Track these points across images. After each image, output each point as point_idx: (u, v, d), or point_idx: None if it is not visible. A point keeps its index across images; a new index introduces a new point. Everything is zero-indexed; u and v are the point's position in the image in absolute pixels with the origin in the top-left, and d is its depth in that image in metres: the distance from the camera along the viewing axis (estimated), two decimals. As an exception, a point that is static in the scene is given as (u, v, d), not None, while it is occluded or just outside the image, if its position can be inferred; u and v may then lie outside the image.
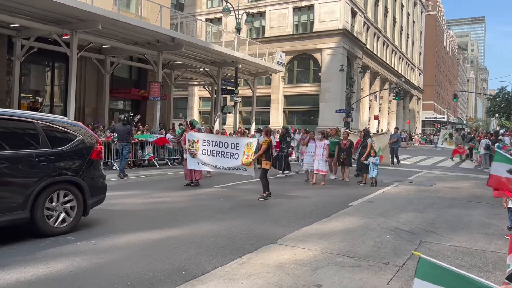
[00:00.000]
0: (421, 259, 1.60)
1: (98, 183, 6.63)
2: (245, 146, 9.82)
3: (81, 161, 6.28)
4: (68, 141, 6.20)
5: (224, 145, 10.15)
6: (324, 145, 12.20)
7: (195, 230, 6.35)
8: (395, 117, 57.74)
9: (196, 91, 44.52)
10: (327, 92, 37.30)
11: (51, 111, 20.32)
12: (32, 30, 16.55)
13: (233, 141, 10.35)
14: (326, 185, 11.96)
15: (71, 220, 6.05)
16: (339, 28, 37.04)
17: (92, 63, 21.18)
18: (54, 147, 5.96)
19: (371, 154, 11.87)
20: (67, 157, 6.10)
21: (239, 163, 9.82)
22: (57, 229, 5.83)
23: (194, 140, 10.73)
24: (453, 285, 1.47)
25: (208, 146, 10.42)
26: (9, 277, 4.23)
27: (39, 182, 5.64)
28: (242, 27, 28.38)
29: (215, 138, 10.66)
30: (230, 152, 10.03)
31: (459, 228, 6.95)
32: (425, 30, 78.60)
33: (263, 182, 9.42)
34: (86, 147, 6.43)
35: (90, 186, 6.33)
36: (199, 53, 23.21)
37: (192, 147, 10.71)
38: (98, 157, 6.63)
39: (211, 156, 10.36)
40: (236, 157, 9.89)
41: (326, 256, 5.16)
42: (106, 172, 13.77)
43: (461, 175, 15.90)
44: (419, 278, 1.60)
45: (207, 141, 10.52)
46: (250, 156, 9.66)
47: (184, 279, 4.26)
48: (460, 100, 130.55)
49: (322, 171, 12.07)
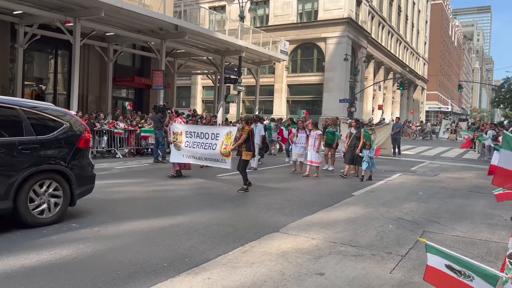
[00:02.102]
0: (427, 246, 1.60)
1: (86, 173, 6.36)
2: (225, 136, 9.45)
3: (68, 149, 6.02)
4: (54, 129, 5.92)
5: (205, 136, 9.79)
6: (316, 135, 11.70)
7: (198, 218, 6.37)
8: (399, 107, 57.47)
9: (199, 80, 44.38)
10: (331, 82, 37.10)
11: (54, 99, 20.34)
12: (35, 17, 16.49)
13: (213, 131, 9.92)
14: (326, 175, 11.90)
15: (56, 210, 5.81)
16: (343, 17, 36.70)
17: (95, 51, 21.12)
18: (39, 135, 5.70)
19: (366, 146, 11.09)
20: (52, 146, 5.84)
21: (217, 152, 9.43)
22: (41, 220, 5.62)
23: (177, 132, 10.37)
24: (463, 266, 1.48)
25: (191, 138, 10.06)
26: (14, 263, 4.26)
27: (22, 171, 5.42)
28: (246, 15, 28.18)
29: (196, 129, 10.27)
30: (209, 143, 9.67)
31: (462, 218, 6.95)
32: (430, 19, 77.76)
33: (242, 175, 8.92)
34: (74, 135, 6.16)
35: (77, 176, 6.07)
36: (202, 41, 23.09)
37: (176, 139, 10.34)
38: (86, 146, 6.37)
39: (192, 148, 10.01)
40: (214, 147, 9.52)
41: (328, 245, 5.17)
42: (109, 160, 13.96)
43: (464, 165, 15.86)
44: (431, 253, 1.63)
45: (189, 132, 10.16)
46: (228, 146, 9.26)
47: (187, 267, 4.29)
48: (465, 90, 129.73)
49: (315, 163, 11.61)
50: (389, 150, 17.78)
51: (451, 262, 1.56)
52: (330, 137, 12.87)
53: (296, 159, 12.26)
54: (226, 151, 9.24)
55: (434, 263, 1.69)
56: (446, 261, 1.59)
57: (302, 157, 12.06)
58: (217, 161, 9.61)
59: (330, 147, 12.96)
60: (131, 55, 24.56)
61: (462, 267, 1.51)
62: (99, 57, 21.50)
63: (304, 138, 12.07)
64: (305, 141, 11.99)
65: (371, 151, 11.01)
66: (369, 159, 10.84)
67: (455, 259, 1.51)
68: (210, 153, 9.60)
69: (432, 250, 1.58)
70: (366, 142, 11.17)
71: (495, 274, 1.41)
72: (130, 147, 15.84)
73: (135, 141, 16.09)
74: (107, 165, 12.62)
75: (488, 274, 1.41)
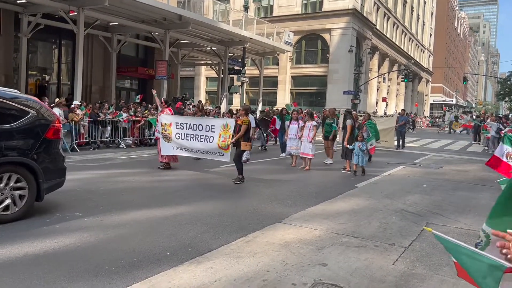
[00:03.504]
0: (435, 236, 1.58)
1: (55, 165, 5.86)
2: (221, 128, 9.01)
3: (34, 140, 5.51)
4: (18, 118, 5.40)
5: (199, 127, 9.38)
6: (310, 126, 11.04)
7: (201, 208, 6.38)
8: (403, 99, 57.23)
9: (203, 71, 44.29)
10: (335, 73, 36.94)
11: (58, 89, 20.36)
12: (38, 6, 16.42)
13: (207, 122, 9.47)
14: (329, 168, 11.82)
15: (21, 206, 5.36)
16: (348, 8, 36.44)
17: (99, 41, 21.06)
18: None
19: (358, 138, 10.33)
20: (15, 136, 5.33)
21: (215, 146, 9.07)
22: (3, 216, 5.18)
23: (166, 123, 9.86)
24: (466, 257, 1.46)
25: (182, 130, 9.63)
26: (18, 251, 4.28)
27: None
28: (250, 5, 28.00)
29: (188, 121, 9.85)
30: (204, 135, 9.25)
31: (466, 210, 6.92)
32: (436, 11, 77.06)
33: (238, 166, 8.70)
34: (41, 125, 5.61)
35: (44, 169, 5.57)
36: (206, 31, 22.98)
37: (165, 130, 9.85)
38: (56, 136, 5.84)
39: (185, 140, 9.61)
40: (211, 140, 9.14)
41: (331, 236, 5.17)
42: (113, 150, 13.98)
43: (468, 158, 15.79)
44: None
45: (179, 123, 9.72)
46: (227, 139, 8.87)
47: (190, 256, 4.29)
48: (470, 83, 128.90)
49: (308, 155, 11.01)
50: (391, 143, 17.23)
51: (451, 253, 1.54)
52: (327, 128, 12.37)
53: (290, 152, 11.85)
54: (225, 144, 8.91)
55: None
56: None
57: (298, 150, 11.47)
58: (214, 154, 9.28)
59: (327, 139, 12.47)
60: (134, 45, 24.49)
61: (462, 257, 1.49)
62: (102, 47, 21.45)
63: (295, 129, 11.56)
64: (297, 132, 11.49)
65: (363, 144, 10.24)
66: (360, 152, 10.10)
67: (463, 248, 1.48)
68: (207, 146, 9.27)
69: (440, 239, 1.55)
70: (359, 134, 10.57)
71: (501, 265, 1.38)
72: (134, 137, 15.85)
73: (139, 132, 16.09)
74: (110, 155, 12.65)
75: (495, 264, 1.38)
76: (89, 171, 9.66)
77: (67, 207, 6.09)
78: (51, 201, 6.39)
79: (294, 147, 11.62)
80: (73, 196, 6.82)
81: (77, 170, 9.63)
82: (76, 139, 13.46)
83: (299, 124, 11.62)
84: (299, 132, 11.44)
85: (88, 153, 12.86)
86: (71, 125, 13.36)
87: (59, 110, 13.64)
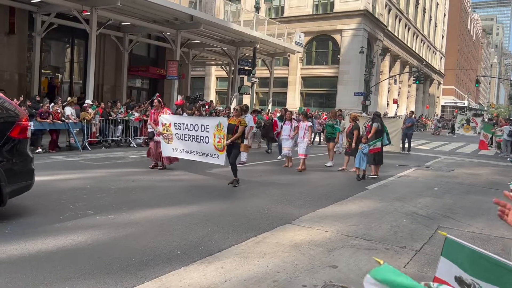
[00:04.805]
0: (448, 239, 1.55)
1: (21, 167, 5.32)
2: (215, 128, 8.69)
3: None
4: None
5: (195, 127, 9.11)
6: (306, 126, 10.89)
7: (211, 208, 6.40)
8: (415, 101, 56.78)
9: (213, 71, 44.38)
10: (345, 75, 36.77)
11: (70, 87, 20.58)
12: (52, 6, 16.63)
13: (203, 122, 9.16)
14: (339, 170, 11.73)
15: None
16: (360, 9, 36.24)
17: (111, 41, 21.25)
18: None
19: (362, 140, 10.10)
20: None
21: (211, 147, 8.77)
22: None
23: (166, 123, 9.69)
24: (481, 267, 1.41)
25: (180, 130, 9.41)
26: (31, 247, 4.34)
27: None
28: (261, 6, 28.01)
29: (185, 121, 9.61)
30: (200, 136, 8.98)
31: (478, 214, 6.86)
32: (449, 12, 76.33)
33: (233, 168, 8.41)
34: (4, 123, 5.12)
35: (7, 171, 5.03)
36: (217, 32, 23.06)
37: (166, 131, 9.66)
38: (22, 136, 5.29)
39: (183, 141, 9.38)
40: (207, 140, 8.84)
41: (342, 238, 5.15)
42: (124, 149, 14.07)
43: (480, 161, 15.63)
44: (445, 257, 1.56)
45: (178, 124, 9.51)
46: (222, 139, 8.51)
47: (200, 256, 4.31)
48: (482, 85, 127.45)
49: (301, 155, 10.84)
50: (397, 147, 16.22)
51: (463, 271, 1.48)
52: (329, 130, 12.14)
53: (288, 153, 11.51)
54: (221, 145, 8.56)
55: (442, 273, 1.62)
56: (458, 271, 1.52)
57: (290, 150, 11.33)
58: (209, 156, 8.93)
59: (329, 141, 12.19)
60: (146, 45, 24.67)
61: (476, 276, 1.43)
62: (114, 47, 21.63)
63: (288, 130, 11.32)
64: (289, 133, 11.30)
65: (365, 146, 9.92)
66: (362, 155, 9.87)
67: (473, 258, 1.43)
68: (203, 147, 9.00)
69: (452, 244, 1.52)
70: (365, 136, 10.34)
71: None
72: (145, 136, 15.94)
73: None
74: (121, 154, 12.75)
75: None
76: (100, 169, 9.74)
77: (79, 205, 6.15)
78: (63, 198, 6.47)
79: (286, 147, 11.42)
80: (85, 194, 6.89)
81: (89, 169, 9.73)
82: (87, 138, 13.59)
83: (292, 125, 11.41)
84: (291, 133, 11.29)
85: (99, 152, 12.98)
86: (83, 124, 13.49)
87: (71, 109, 13.81)
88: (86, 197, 6.67)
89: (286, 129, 11.44)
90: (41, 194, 6.60)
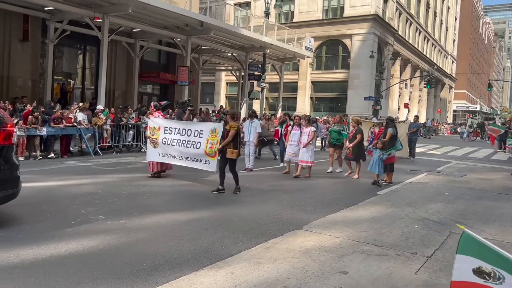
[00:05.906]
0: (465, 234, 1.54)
1: (5, 175, 5.07)
2: (209, 133, 8.46)
3: None
4: None
5: (187, 132, 8.86)
6: (309, 131, 10.52)
7: (221, 213, 6.42)
8: (426, 105, 56.32)
9: (223, 76, 44.59)
10: (356, 79, 36.67)
11: (82, 93, 20.82)
12: (65, 13, 16.91)
13: (197, 127, 8.91)
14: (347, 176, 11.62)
15: None
16: (370, 13, 36.17)
17: (122, 47, 21.49)
18: None
19: (378, 145, 9.80)
20: None
21: (201, 152, 8.52)
22: None
23: (155, 127, 9.42)
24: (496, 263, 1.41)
25: (170, 135, 9.13)
26: (44, 252, 4.39)
27: None
28: (271, 11, 28.11)
29: (178, 125, 9.27)
30: (191, 141, 8.73)
31: (491, 220, 6.77)
32: (460, 16, 75.77)
33: (234, 175, 8.17)
34: None
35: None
36: (227, 37, 23.18)
37: (152, 135, 9.38)
38: (7, 142, 5.07)
39: (170, 146, 9.08)
40: (198, 146, 8.60)
41: (352, 243, 5.13)
42: (135, 154, 14.16)
43: (493, 166, 15.43)
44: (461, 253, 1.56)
45: (169, 128, 9.25)
46: (214, 145, 8.28)
47: (210, 261, 4.32)
48: (495, 89, 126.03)
49: (305, 162, 10.47)
50: (405, 151, 15.56)
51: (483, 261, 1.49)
52: (334, 136, 11.78)
53: (289, 159, 11.06)
54: (212, 151, 8.33)
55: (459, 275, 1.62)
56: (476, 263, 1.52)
57: (296, 157, 10.76)
58: (199, 161, 8.67)
59: (334, 147, 11.78)
60: (157, 51, 24.89)
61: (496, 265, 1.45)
62: (126, 53, 21.87)
63: (297, 136, 10.86)
64: (298, 139, 10.83)
65: (384, 153, 9.66)
66: (379, 160, 9.62)
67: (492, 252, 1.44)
68: (193, 152, 8.70)
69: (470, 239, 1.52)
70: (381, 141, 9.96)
71: None
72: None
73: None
74: (132, 159, 12.85)
75: None
76: (111, 174, 9.82)
77: (91, 210, 6.21)
78: (75, 203, 6.54)
79: (291, 153, 10.96)
80: (97, 199, 6.96)
81: (100, 174, 9.82)
82: (99, 143, 13.72)
83: (301, 131, 10.89)
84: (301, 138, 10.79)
85: (110, 157, 13.09)
86: (94, 129, 13.63)
87: (83, 114, 13.96)
88: (97, 202, 6.74)
89: (295, 134, 10.94)
90: (54, 199, 6.69)
